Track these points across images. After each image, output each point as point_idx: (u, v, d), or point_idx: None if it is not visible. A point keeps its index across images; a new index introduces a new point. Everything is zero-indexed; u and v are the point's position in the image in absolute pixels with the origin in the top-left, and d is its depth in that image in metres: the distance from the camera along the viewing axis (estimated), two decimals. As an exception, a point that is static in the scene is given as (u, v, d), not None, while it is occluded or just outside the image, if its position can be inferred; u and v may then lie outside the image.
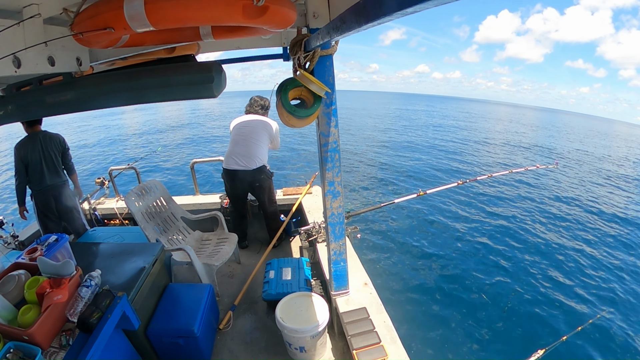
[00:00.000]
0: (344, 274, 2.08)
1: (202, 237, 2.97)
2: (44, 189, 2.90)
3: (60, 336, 1.35)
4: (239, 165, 2.96)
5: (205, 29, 1.38)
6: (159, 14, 0.98)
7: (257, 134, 3.00)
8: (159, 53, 1.77)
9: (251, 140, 2.98)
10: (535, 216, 7.14)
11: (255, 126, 3.03)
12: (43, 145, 2.85)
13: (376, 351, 1.71)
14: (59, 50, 1.37)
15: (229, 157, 3.02)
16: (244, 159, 2.96)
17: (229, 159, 3.02)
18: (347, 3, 1.10)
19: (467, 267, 4.98)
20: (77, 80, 1.65)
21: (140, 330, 1.80)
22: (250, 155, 2.96)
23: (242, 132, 3.03)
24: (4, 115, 1.75)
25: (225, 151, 3.10)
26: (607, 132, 45.46)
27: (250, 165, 2.96)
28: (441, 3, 0.40)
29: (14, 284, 1.43)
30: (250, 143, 2.97)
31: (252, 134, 3.00)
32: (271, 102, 3.07)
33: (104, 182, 3.70)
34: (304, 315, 1.96)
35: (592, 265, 5.30)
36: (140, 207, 2.60)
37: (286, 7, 1.20)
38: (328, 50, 1.53)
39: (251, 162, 2.96)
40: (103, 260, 1.95)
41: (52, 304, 1.32)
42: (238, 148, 2.98)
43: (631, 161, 17.45)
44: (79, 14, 1.11)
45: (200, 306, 2.01)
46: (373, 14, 0.57)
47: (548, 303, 4.24)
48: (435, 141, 17.37)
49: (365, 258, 4.78)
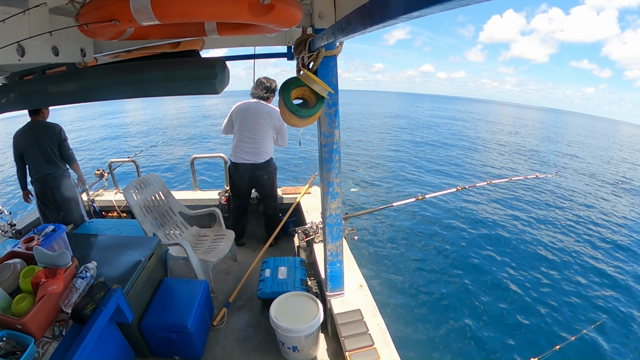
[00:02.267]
0: (339, 275, 2.08)
1: (199, 232, 2.97)
2: (41, 177, 2.91)
3: (53, 326, 1.35)
4: (245, 159, 2.99)
5: (210, 24, 1.38)
6: (164, 8, 0.98)
7: (263, 126, 2.98)
8: (163, 47, 1.77)
9: (258, 135, 2.98)
10: (533, 224, 7.15)
11: (260, 118, 2.98)
12: (38, 136, 2.85)
13: (369, 354, 1.71)
14: (63, 41, 1.37)
15: (235, 151, 3.03)
16: (251, 153, 2.98)
17: (235, 152, 3.02)
18: (353, 4, 1.11)
19: (464, 273, 4.98)
20: (80, 71, 1.65)
21: (134, 324, 1.80)
22: (257, 149, 2.98)
23: (248, 125, 2.98)
24: (6, 103, 1.75)
25: (232, 144, 3.08)
26: (610, 133, 45.30)
27: (257, 159, 3.00)
28: (447, 8, 0.40)
29: (9, 273, 1.43)
30: (257, 137, 2.98)
31: (258, 127, 2.98)
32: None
33: (104, 174, 3.69)
34: (298, 315, 1.96)
35: (589, 274, 5.31)
36: (138, 200, 2.60)
37: (292, 7, 1.20)
38: (332, 51, 1.53)
39: (259, 156, 3.00)
40: (99, 252, 1.95)
41: (47, 294, 1.32)
42: (244, 142, 2.99)
43: (633, 164, 17.43)
44: (84, 5, 1.11)
45: (194, 302, 2.01)
46: (379, 16, 0.58)
47: (543, 311, 4.24)
48: (437, 144, 17.34)
49: (362, 260, 4.78)
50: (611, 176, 13.18)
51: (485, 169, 12.48)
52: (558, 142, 24.33)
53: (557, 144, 22.97)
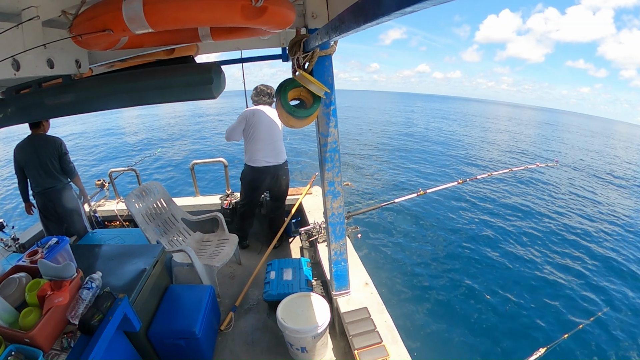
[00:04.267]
0: (344, 274, 2.08)
1: (202, 238, 2.97)
2: (42, 191, 2.91)
3: (61, 338, 1.35)
4: (269, 162, 3.04)
5: (204, 30, 1.38)
6: (157, 16, 0.98)
7: (278, 128, 3.07)
8: (158, 54, 1.77)
9: (275, 137, 3.05)
10: (536, 214, 7.14)
11: (273, 121, 3.03)
12: (38, 150, 2.84)
13: (377, 351, 1.71)
14: (58, 53, 1.37)
15: (257, 155, 3.02)
16: (274, 155, 3.04)
17: (258, 156, 3.02)
18: (346, 3, 1.10)
19: (469, 266, 4.98)
20: (76, 83, 1.65)
21: (142, 332, 1.80)
22: (277, 150, 3.06)
23: (267, 128, 3.00)
24: (4, 118, 1.75)
25: (247, 150, 3.07)
26: (607, 132, 45.26)
27: (279, 160, 3.08)
28: (440, 2, 0.40)
29: (14, 287, 1.43)
30: (275, 140, 3.05)
31: (276, 129, 3.05)
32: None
33: (104, 184, 3.70)
34: (305, 316, 1.96)
35: (594, 263, 5.30)
36: (140, 208, 2.60)
37: (285, 8, 1.20)
38: (327, 50, 1.53)
39: (279, 157, 3.08)
40: (104, 262, 1.95)
41: (53, 306, 1.32)
42: (265, 145, 3.01)
43: (629, 161, 17.42)
44: (77, 16, 1.10)
45: (201, 307, 2.01)
46: (372, 13, 0.57)
47: (549, 301, 4.24)
48: (435, 141, 17.37)
49: (366, 258, 4.78)
50: (616, 170, 13.15)
51: (486, 162, 12.48)
52: (556, 138, 24.32)
53: (556, 140, 22.96)
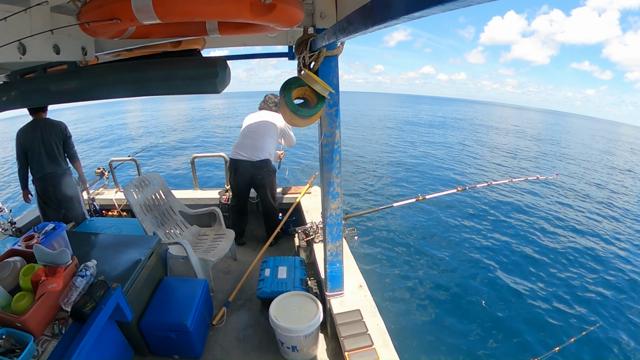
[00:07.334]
0: (339, 275, 2.08)
1: (199, 232, 2.97)
2: (43, 176, 2.90)
3: (53, 325, 1.35)
4: (242, 156, 3.01)
5: (211, 24, 1.39)
6: (166, 7, 0.99)
7: (265, 127, 3.06)
8: (164, 46, 1.77)
9: (258, 133, 3.04)
10: (533, 225, 7.13)
11: (265, 119, 3.09)
12: (43, 133, 2.84)
13: (368, 354, 1.71)
14: (64, 39, 1.37)
15: (235, 148, 3.08)
16: (249, 150, 3.01)
17: (234, 149, 3.07)
18: (355, 4, 1.10)
19: (464, 274, 4.97)
20: (81, 70, 1.65)
21: (133, 322, 1.80)
22: (255, 147, 3.01)
23: (251, 125, 3.09)
24: (7, 102, 1.75)
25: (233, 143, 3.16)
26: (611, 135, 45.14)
27: (253, 157, 3.00)
28: (449, 9, 0.40)
29: (9, 271, 1.43)
30: (257, 135, 3.03)
31: (260, 127, 3.06)
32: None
33: (104, 172, 3.70)
34: (297, 315, 1.96)
35: (589, 276, 5.30)
36: (138, 199, 2.60)
37: (294, 6, 1.20)
38: (333, 51, 1.53)
39: (255, 153, 3.00)
40: (99, 251, 1.95)
41: (47, 292, 1.32)
42: (245, 139, 3.04)
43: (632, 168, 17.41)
44: (86, 4, 1.11)
45: (194, 301, 2.01)
46: (380, 16, 0.58)
47: (543, 313, 4.24)
48: (437, 145, 17.34)
49: (362, 260, 4.77)
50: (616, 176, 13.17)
51: (486, 170, 12.48)
52: (558, 143, 24.32)
53: (557, 146, 22.96)
